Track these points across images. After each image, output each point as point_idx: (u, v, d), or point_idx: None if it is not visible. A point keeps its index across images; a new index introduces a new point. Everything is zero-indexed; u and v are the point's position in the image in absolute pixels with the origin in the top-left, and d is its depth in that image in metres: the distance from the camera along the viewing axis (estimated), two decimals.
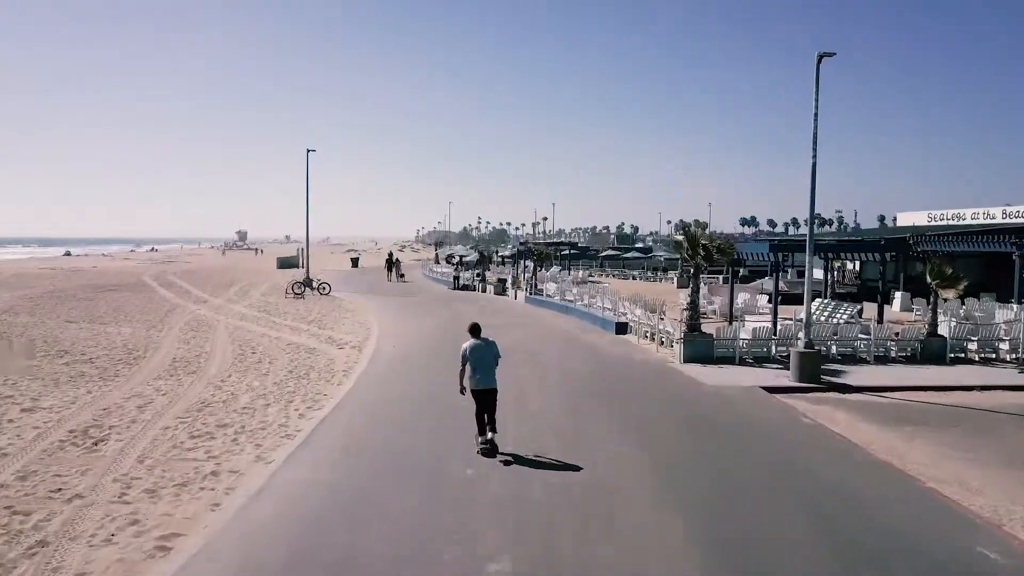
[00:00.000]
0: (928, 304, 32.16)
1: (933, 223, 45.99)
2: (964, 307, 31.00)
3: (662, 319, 23.10)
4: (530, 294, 37.30)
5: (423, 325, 25.99)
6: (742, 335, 19.65)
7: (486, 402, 10.92)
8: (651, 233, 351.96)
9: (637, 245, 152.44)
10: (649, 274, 64.58)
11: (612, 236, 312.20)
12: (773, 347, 19.77)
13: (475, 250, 51.04)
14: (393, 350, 20.57)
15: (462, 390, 10.97)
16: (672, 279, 56.30)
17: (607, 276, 64.60)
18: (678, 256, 56.12)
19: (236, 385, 15.51)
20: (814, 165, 17.97)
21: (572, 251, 64.14)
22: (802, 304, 34.01)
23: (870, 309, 32.51)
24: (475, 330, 11.33)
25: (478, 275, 47.13)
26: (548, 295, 36.75)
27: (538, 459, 10.43)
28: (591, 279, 60.02)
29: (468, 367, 10.95)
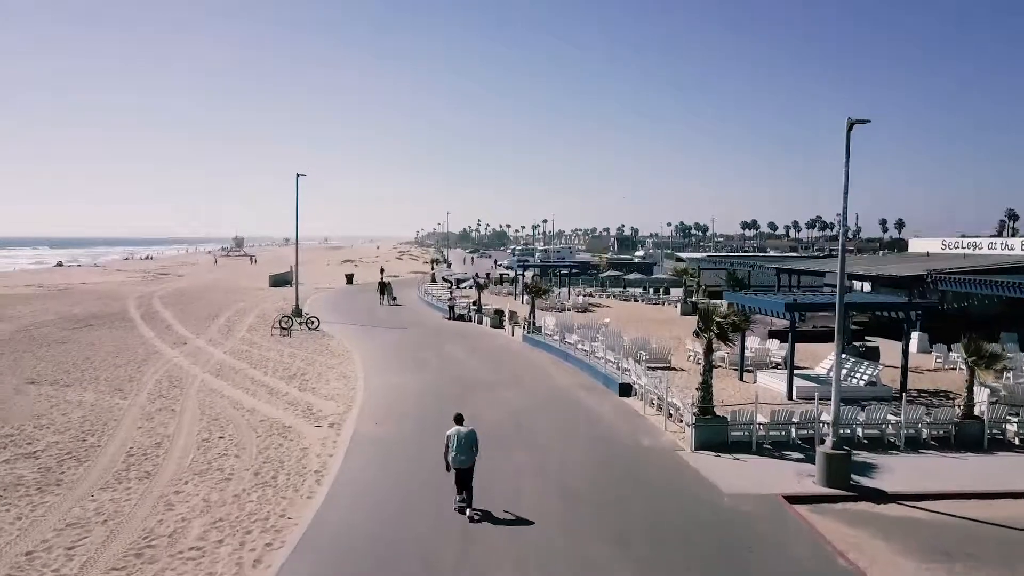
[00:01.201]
0: (949, 350, 30.53)
1: (947, 251, 44.23)
2: None
3: (672, 366, 21.43)
4: (528, 332, 35.46)
5: (410, 386, 24.14)
6: (759, 419, 17.83)
7: (464, 477, 13.45)
8: (651, 235, 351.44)
9: (638, 253, 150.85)
10: (651, 294, 62.81)
11: (612, 239, 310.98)
12: (793, 431, 17.95)
13: (473, 277, 49.16)
14: (375, 429, 18.78)
15: (447, 467, 13.47)
16: (676, 303, 54.51)
17: (608, 296, 62.83)
18: (680, 280, 54.49)
19: (191, 499, 13.67)
20: (843, 236, 16.18)
21: (572, 270, 62.29)
22: (815, 342, 32.46)
23: (887, 351, 30.65)
24: (459, 419, 13.83)
25: (474, 304, 45.29)
26: (547, 332, 34.97)
27: None
28: (591, 300, 58.22)
29: (451, 449, 13.40)
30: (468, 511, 13.11)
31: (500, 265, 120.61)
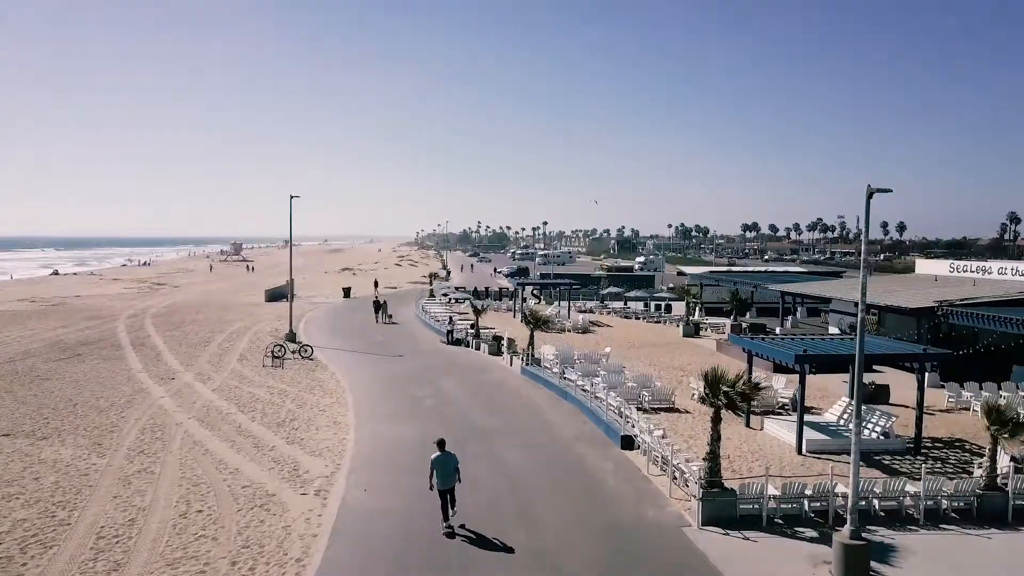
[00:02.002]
0: (962, 387, 29.50)
1: (956, 274, 43.15)
2: (1002, 397, 28.16)
3: (675, 406, 20.31)
4: (526, 364, 34.45)
5: (402, 437, 23.07)
6: (771, 490, 16.83)
7: (447, 497, 15.63)
8: (652, 236, 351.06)
9: (639, 258, 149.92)
10: (652, 311, 61.89)
11: (613, 241, 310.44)
12: (806, 504, 16.94)
13: (470, 298, 48.22)
14: (364, 498, 17.78)
15: (431, 487, 15.61)
16: (677, 322, 53.54)
17: (608, 313, 61.90)
18: (681, 296, 53.60)
19: None
20: (863, 296, 15.19)
21: (572, 285, 61.36)
22: (821, 372, 31.32)
23: (896, 384, 29.61)
24: (441, 444, 16.06)
25: (472, 327, 44.32)
26: (546, 365, 33.99)
27: None
28: (592, 317, 57.33)
29: (436, 474, 15.49)
30: (454, 528, 15.38)
31: (500, 273, 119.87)
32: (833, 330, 41.66)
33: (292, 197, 44.39)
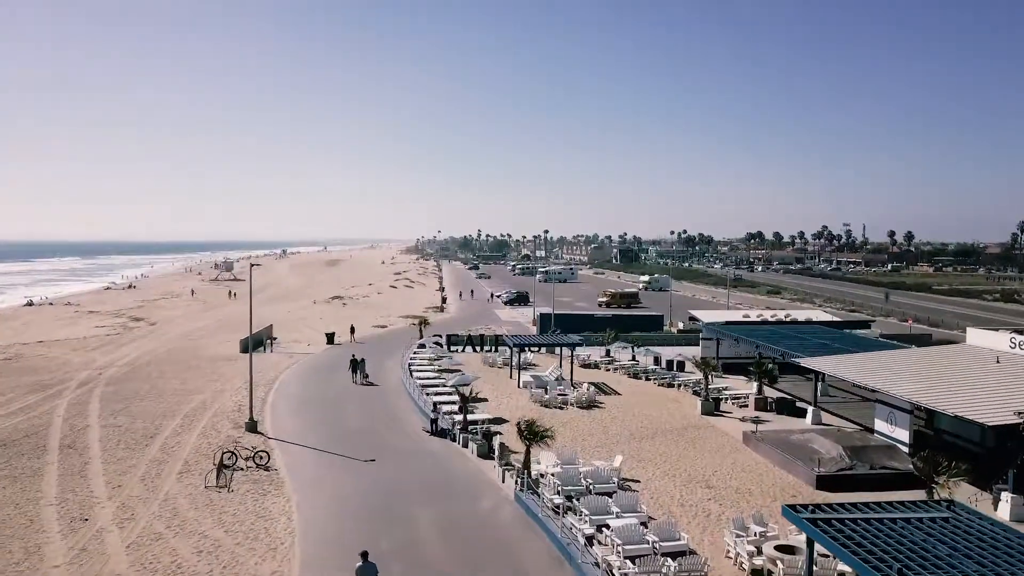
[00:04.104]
0: None
1: (1018, 351, 37.26)
2: None
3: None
4: (521, 488, 28.65)
5: None
6: None
7: None
8: (654, 242, 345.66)
9: (642, 277, 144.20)
10: (663, 368, 56.32)
11: (615, 250, 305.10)
12: None
13: (456, 388, 42.77)
14: None
15: None
16: (693, 389, 47.78)
17: (614, 369, 56.28)
18: (699, 369, 47.68)
19: None
20: None
21: (575, 345, 55.72)
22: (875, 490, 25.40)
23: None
24: (364, 555, 18.53)
25: (459, 410, 38.62)
26: (544, 489, 28.34)
27: None
28: (597, 378, 51.77)
29: None
30: None
31: (498, 299, 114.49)
32: (881, 425, 35.80)
33: (252, 265, 38.80)
